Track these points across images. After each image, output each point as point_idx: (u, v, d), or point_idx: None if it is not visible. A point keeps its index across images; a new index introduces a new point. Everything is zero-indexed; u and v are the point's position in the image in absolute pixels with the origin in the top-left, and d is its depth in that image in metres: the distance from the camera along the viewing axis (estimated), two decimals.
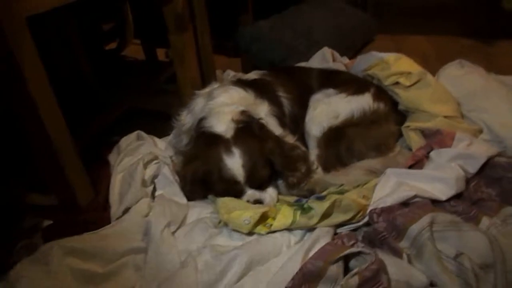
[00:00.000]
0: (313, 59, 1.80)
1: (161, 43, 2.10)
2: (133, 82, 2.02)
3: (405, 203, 1.09)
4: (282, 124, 1.31)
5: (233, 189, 1.11)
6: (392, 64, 1.45)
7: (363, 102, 1.35)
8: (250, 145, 1.13)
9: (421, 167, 1.25)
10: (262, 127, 1.21)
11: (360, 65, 1.59)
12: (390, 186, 1.14)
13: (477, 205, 1.11)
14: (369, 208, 1.08)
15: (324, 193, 1.22)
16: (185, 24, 1.55)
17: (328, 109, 1.34)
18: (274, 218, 1.02)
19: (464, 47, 2.39)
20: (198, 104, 1.31)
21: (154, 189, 1.19)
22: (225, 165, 1.10)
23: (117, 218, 1.08)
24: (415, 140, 1.35)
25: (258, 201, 1.12)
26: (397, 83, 1.43)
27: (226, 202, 1.06)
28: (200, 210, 1.11)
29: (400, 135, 1.41)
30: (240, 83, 1.34)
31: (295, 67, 1.68)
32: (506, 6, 2.36)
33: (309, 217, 1.02)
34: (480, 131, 1.36)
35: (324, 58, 1.77)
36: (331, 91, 1.40)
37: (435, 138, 1.30)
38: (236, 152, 1.11)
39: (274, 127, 1.26)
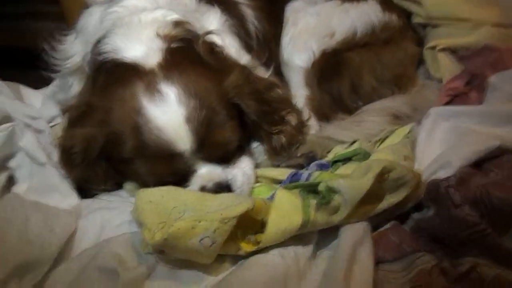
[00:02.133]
0: None
1: None
2: None
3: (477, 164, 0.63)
4: (248, 47, 0.77)
5: (170, 168, 0.56)
6: None
7: (368, 11, 0.91)
8: (197, 80, 0.58)
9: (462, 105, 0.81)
10: (215, 49, 0.66)
11: None
12: (444, 137, 0.70)
13: None
14: (424, 176, 0.61)
15: (329, 157, 0.74)
16: None
17: (317, 23, 0.88)
18: (263, 222, 0.48)
19: None
20: (93, 17, 0.72)
21: (10, 183, 0.59)
22: (149, 121, 0.55)
23: None
24: (447, 66, 0.90)
25: (223, 187, 0.58)
26: None
27: (156, 201, 0.48)
28: (104, 219, 0.53)
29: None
30: None
31: None
32: None
33: (333, 210, 0.50)
34: None
35: None
36: None
37: (488, 58, 0.85)
38: (171, 94, 0.56)
39: (236, 50, 0.72)
